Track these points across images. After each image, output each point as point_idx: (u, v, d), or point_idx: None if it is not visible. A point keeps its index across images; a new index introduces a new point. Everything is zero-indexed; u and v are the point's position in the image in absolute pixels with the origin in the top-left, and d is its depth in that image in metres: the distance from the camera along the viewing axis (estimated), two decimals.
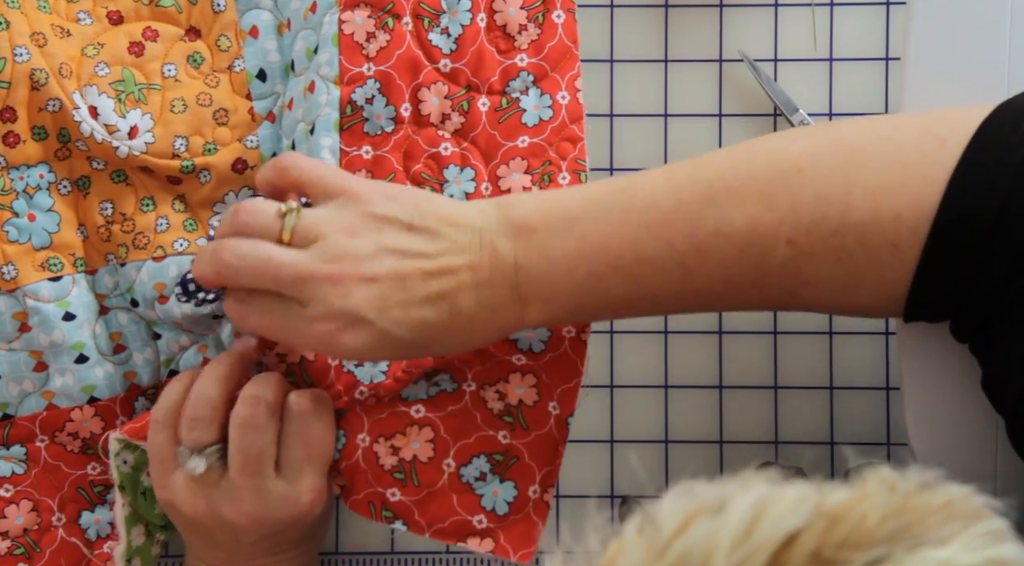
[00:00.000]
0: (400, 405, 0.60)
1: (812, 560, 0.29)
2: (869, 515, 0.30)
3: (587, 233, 0.51)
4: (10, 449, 0.63)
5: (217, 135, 0.64)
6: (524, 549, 0.59)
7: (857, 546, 0.30)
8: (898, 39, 0.67)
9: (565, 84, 0.62)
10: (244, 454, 0.56)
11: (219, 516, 0.57)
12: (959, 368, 0.54)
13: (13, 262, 0.62)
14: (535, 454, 0.59)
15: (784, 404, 0.67)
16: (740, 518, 0.31)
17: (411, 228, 0.52)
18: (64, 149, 0.63)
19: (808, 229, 0.48)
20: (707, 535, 0.30)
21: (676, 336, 0.67)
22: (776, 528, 0.30)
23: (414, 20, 0.63)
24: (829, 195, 0.48)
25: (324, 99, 0.61)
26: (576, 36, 0.63)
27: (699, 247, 0.50)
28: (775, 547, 0.30)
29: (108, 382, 0.63)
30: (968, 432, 0.55)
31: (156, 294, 0.62)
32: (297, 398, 0.58)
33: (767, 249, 0.49)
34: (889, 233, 0.47)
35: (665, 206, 0.50)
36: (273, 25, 0.65)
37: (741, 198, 0.49)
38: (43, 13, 0.63)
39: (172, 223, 0.64)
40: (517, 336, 0.60)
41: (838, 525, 0.30)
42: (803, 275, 0.49)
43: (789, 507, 0.31)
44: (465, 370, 0.60)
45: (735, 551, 0.30)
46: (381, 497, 0.59)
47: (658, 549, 0.31)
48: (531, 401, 0.60)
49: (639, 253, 0.51)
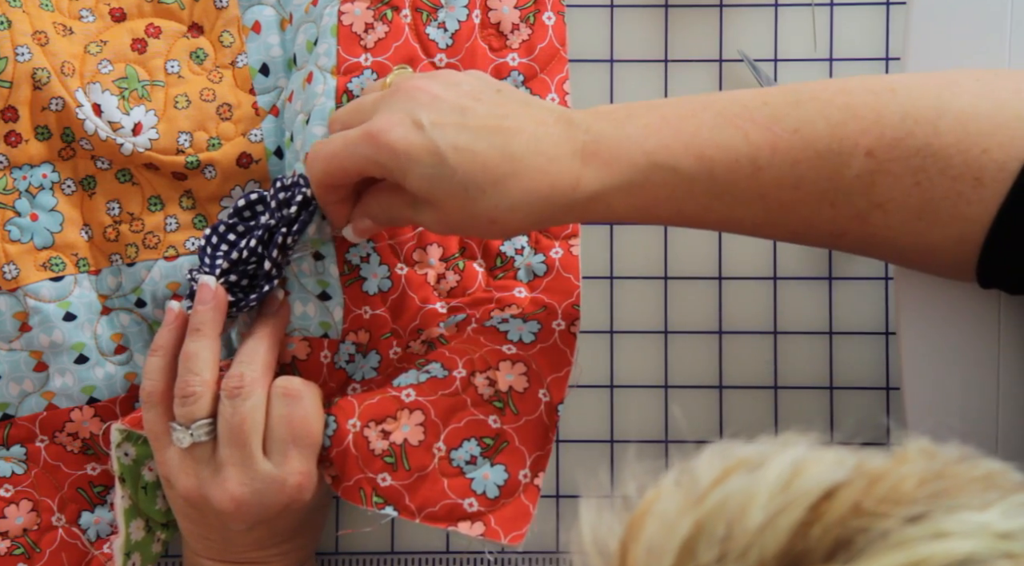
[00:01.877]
0: (391, 390, 0.60)
1: (852, 512, 0.30)
2: (909, 477, 0.31)
3: (666, 114, 0.51)
4: (10, 449, 0.63)
5: (221, 130, 0.64)
6: (515, 531, 0.58)
7: (897, 502, 0.30)
8: (898, 39, 0.67)
9: (554, 86, 0.63)
10: (229, 424, 0.57)
11: (207, 498, 0.57)
12: (956, 315, 0.54)
13: (15, 261, 0.62)
14: (526, 438, 0.60)
15: (784, 404, 0.67)
16: (779, 472, 0.31)
17: (492, 91, 0.54)
18: (68, 149, 0.63)
19: (891, 144, 0.47)
20: (745, 487, 0.31)
21: (676, 336, 0.67)
22: (816, 482, 0.30)
23: (413, 13, 0.63)
24: (918, 115, 0.47)
25: (320, 89, 0.61)
26: (565, 39, 0.64)
27: (774, 143, 0.49)
28: (814, 499, 0.30)
29: (108, 383, 0.63)
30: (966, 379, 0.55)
31: (169, 293, 0.63)
32: (283, 382, 0.59)
33: (844, 158, 0.48)
34: (973, 165, 0.46)
35: (749, 105, 0.50)
36: (276, 20, 0.65)
37: (827, 105, 0.48)
38: (45, 11, 0.63)
39: (181, 222, 0.64)
40: (507, 327, 0.60)
41: (878, 483, 0.30)
42: (877, 195, 0.48)
43: (829, 464, 0.31)
44: (456, 358, 0.60)
45: (773, 501, 0.30)
46: (372, 482, 0.59)
47: (695, 498, 0.31)
48: (521, 388, 0.60)
49: (713, 137, 0.50)
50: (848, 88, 0.49)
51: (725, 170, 0.49)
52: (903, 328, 0.56)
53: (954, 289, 0.54)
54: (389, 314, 0.63)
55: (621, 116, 0.52)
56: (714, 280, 0.67)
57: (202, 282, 0.58)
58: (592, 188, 0.51)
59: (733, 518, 0.30)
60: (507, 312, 0.62)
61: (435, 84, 0.53)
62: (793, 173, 0.49)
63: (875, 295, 0.67)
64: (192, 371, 0.58)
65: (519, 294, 0.63)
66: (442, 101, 0.52)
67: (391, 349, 0.62)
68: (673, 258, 0.67)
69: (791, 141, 0.48)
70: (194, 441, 0.57)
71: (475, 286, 0.63)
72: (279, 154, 0.64)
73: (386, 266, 0.63)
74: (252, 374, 0.58)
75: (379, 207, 0.57)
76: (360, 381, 0.61)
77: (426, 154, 0.51)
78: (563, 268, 0.63)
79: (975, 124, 0.46)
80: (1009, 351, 0.55)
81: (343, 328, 0.62)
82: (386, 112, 0.53)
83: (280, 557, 0.61)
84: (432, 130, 0.51)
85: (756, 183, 0.49)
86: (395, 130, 0.52)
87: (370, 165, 0.53)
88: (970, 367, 0.53)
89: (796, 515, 0.30)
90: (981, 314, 0.55)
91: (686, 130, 0.50)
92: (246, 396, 0.57)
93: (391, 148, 0.52)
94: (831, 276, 0.67)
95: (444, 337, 0.62)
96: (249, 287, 0.60)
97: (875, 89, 0.48)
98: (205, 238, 0.60)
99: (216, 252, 0.60)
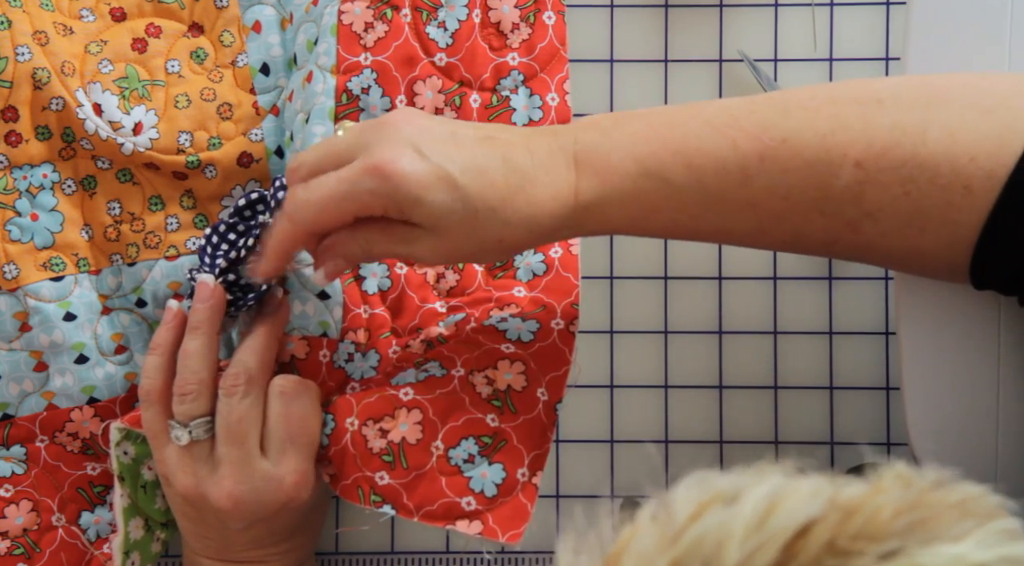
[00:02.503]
0: (389, 389, 0.60)
1: (826, 550, 0.29)
2: (884, 508, 0.30)
3: (652, 123, 0.51)
4: (10, 449, 0.63)
5: (221, 130, 0.64)
6: (513, 530, 0.59)
7: (871, 538, 0.30)
8: (898, 39, 0.67)
9: (554, 86, 0.63)
10: (227, 422, 0.57)
11: (204, 496, 0.57)
12: (956, 315, 0.54)
13: (15, 261, 0.62)
14: (524, 437, 0.60)
15: (784, 404, 0.67)
16: (754, 507, 0.31)
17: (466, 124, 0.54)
18: (68, 149, 0.63)
19: (879, 154, 0.47)
20: (721, 523, 0.30)
21: (676, 336, 0.67)
22: (790, 518, 0.30)
23: (413, 13, 0.63)
24: (905, 126, 0.47)
25: (320, 88, 0.61)
26: (565, 39, 0.64)
27: (763, 153, 0.49)
28: (789, 536, 0.30)
29: (108, 383, 0.63)
30: (966, 379, 0.55)
31: (170, 293, 0.63)
32: (280, 380, 0.59)
33: (833, 168, 0.48)
34: (962, 173, 0.46)
35: (737, 114, 0.50)
36: (276, 20, 0.65)
37: (815, 116, 0.48)
38: (45, 11, 0.63)
39: (182, 222, 0.64)
40: (506, 326, 0.61)
41: (852, 517, 0.30)
42: (867, 204, 0.48)
43: (804, 498, 0.31)
44: (454, 357, 0.60)
45: (748, 539, 0.30)
46: (370, 481, 0.59)
47: (671, 536, 0.31)
48: (519, 387, 0.60)
49: (702, 146, 0.49)
50: (836, 98, 0.49)
51: (715, 179, 0.49)
52: (903, 328, 0.56)
53: (954, 289, 0.54)
54: (388, 313, 0.63)
55: (607, 125, 0.52)
56: (714, 280, 0.67)
57: (201, 280, 0.59)
58: (588, 198, 0.51)
59: (709, 557, 0.30)
60: (506, 311, 0.62)
61: (413, 115, 0.52)
62: (783, 182, 0.49)
63: (875, 295, 0.67)
64: (191, 369, 0.58)
65: (518, 293, 0.63)
66: (430, 128, 0.52)
67: (390, 348, 0.62)
68: (673, 258, 0.67)
69: (779, 150, 0.48)
70: (192, 439, 0.57)
71: (474, 285, 0.63)
72: (280, 153, 0.64)
73: (385, 265, 0.63)
74: (250, 372, 0.58)
75: (359, 245, 0.54)
76: (359, 380, 0.61)
77: (437, 180, 0.50)
78: (562, 267, 0.63)
79: (962, 134, 0.46)
80: (1009, 351, 0.55)
81: (342, 327, 0.62)
82: (383, 145, 0.51)
83: (279, 556, 0.61)
84: (435, 156, 0.50)
85: (746, 192, 0.49)
86: (401, 160, 0.50)
87: (376, 201, 0.51)
88: (970, 367, 0.53)
89: (771, 555, 0.29)
90: (981, 314, 0.55)
91: (674, 138, 0.50)
92: (244, 394, 0.57)
93: (402, 179, 0.50)
94: (831, 276, 0.67)
95: (443, 336, 0.62)
96: (247, 286, 0.60)
97: (863, 100, 0.48)
98: (206, 237, 0.60)
99: (216, 252, 0.60)
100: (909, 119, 0.47)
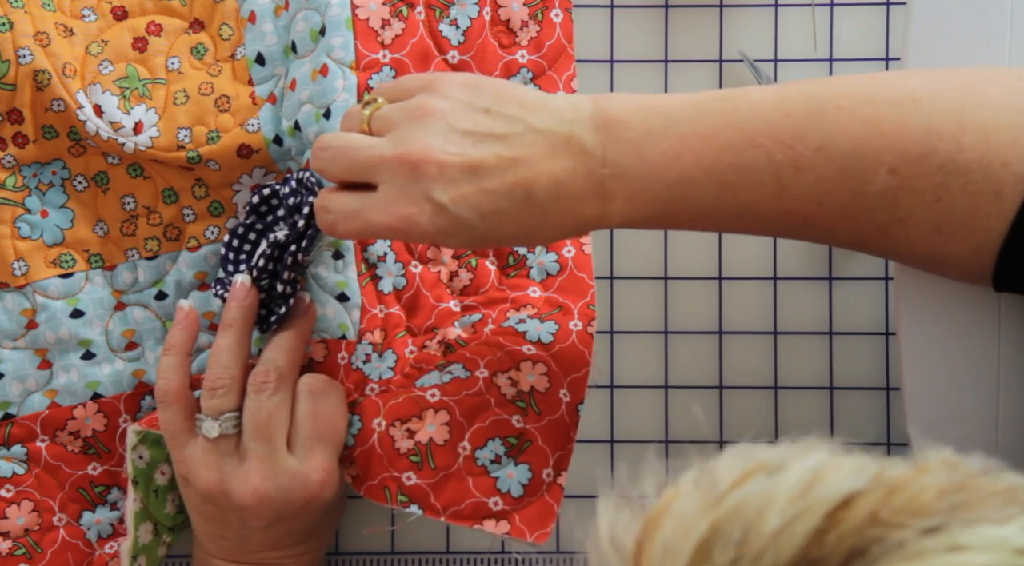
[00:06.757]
0: (415, 390, 0.61)
1: (868, 521, 0.30)
2: (929, 488, 0.30)
3: (685, 134, 0.50)
4: (11, 449, 0.63)
5: (220, 122, 0.64)
6: (540, 530, 0.59)
7: (914, 513, 0.30)
8: (898, 39, 0.67)
9: (562, 83, 0.64)
10: (255, 418, 0.57)
11: (228, 492, 0.57)
12: (956, 315, 0.54)
13: (24, 258, 0.62)
14: (548, 438, 0.60)
15: (784, 404, 0.67)
16: (799, 477, 0.31)
17: (487, 112, 0.51)
18: (78, 146, 0.64)
19: (914, 160, 0.47)
20: (764, 490, 0.31)
21: (676, 336, 0.67)
22: (834, 488, 0.30)
23: (427, 10, 0.64)
24: (941, 129, 0.47)
25: (341, 84, 0.62)
26: (572, 36, 0.65)
27: (798, 162, 0.48)
28: (831, 506, 0.30)
29: (114, 379, 0.63)
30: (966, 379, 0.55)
31: (196, 283, 0.64)
32: (308, 379, 0.60)
33: (868, 175, 0.47)
34: (994, 180, 0.46)
35: (771, 117, 0.49)
36: (270, 8, 0.64)
37: (850, 118, 0.48)
38: (47, 11, 0.63)
39: (198, 212, 0.64)
40: (525, 328, 0.61)
41: (897, 493, 0.30)
42: (899, 210, 0.48)
43: (849, 472, 0.31)
44: (477, 359, 0.61)
45: (791, 506, 0.30)
46: (397, 481, 0.60)
47: (713, 499, 0.31)
48: (542, 388, 0.60)
49: (735, 161, 0.49)
50: (871, 96, 0.48)
51: (748, 193, 0.49)
52: (903, 328, 0.56)
53: (954, 289, 0.54)
54: (403, 312, 0.63)
55: (638, 135, 0.50)
56: (714, 280, 0.67)
57: (239, 281, 0.59)
58: (617, 220, 0.51)
59: (750, 521, 0.30)
60: (523, 312, 0.62)
61: (433, 137, 0.51)
62: (817, 190, 0.48)
63: (875, 295, 0.67)
64: (222, 364, 0.58)
65: (533, 294, 0.63)
66: (449, 167, 0.50)
67: (406, 348, 0.63)
68: (673, 258, 0.67)
69: (815, 159, 0.48)
70: (221, 432, 0.58)
71: (488, 284, 0.64)
72: (279, 141, 0.64)
73: (400, 264, 0.63)
74: (280, 370, 0.58)
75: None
76: (377, 381, 0.61)
77: (455, 228, 0.51)
78: (576, 267, 0.63)
79: (997, 137, 0.46)
80: (1009, 351, 0.55)
81: (360, 329, 0.62)
82: (402, 200, 0.51)
83: (293, 559, 0.61)
84: (454, 207, 0.50)
85: (780, 202, 0.49)
86: (421, 220, 0.50)
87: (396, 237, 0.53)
88: (970, 367, 0.53)
89: (812, 522, 0.29)
90: (981, 314, 0.55)
91: (708, 155, 0.49)
92: (273, 391, 0.58)
93: (423, 235, 0.51)
94: (831, 276, 0.67)
95: (462, 338, 0.62)
96: (264, 302, 0.61)
97: (899, 99, 0.48)
98: (224, 244, 0.61)
99: (239, 256, 0.61)
100: (945, 121, 0.47)
